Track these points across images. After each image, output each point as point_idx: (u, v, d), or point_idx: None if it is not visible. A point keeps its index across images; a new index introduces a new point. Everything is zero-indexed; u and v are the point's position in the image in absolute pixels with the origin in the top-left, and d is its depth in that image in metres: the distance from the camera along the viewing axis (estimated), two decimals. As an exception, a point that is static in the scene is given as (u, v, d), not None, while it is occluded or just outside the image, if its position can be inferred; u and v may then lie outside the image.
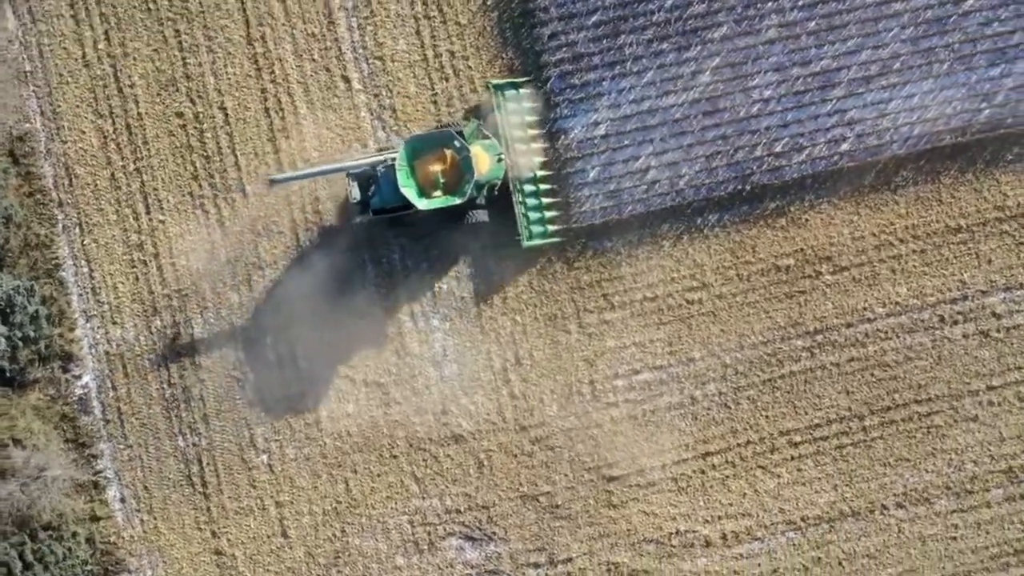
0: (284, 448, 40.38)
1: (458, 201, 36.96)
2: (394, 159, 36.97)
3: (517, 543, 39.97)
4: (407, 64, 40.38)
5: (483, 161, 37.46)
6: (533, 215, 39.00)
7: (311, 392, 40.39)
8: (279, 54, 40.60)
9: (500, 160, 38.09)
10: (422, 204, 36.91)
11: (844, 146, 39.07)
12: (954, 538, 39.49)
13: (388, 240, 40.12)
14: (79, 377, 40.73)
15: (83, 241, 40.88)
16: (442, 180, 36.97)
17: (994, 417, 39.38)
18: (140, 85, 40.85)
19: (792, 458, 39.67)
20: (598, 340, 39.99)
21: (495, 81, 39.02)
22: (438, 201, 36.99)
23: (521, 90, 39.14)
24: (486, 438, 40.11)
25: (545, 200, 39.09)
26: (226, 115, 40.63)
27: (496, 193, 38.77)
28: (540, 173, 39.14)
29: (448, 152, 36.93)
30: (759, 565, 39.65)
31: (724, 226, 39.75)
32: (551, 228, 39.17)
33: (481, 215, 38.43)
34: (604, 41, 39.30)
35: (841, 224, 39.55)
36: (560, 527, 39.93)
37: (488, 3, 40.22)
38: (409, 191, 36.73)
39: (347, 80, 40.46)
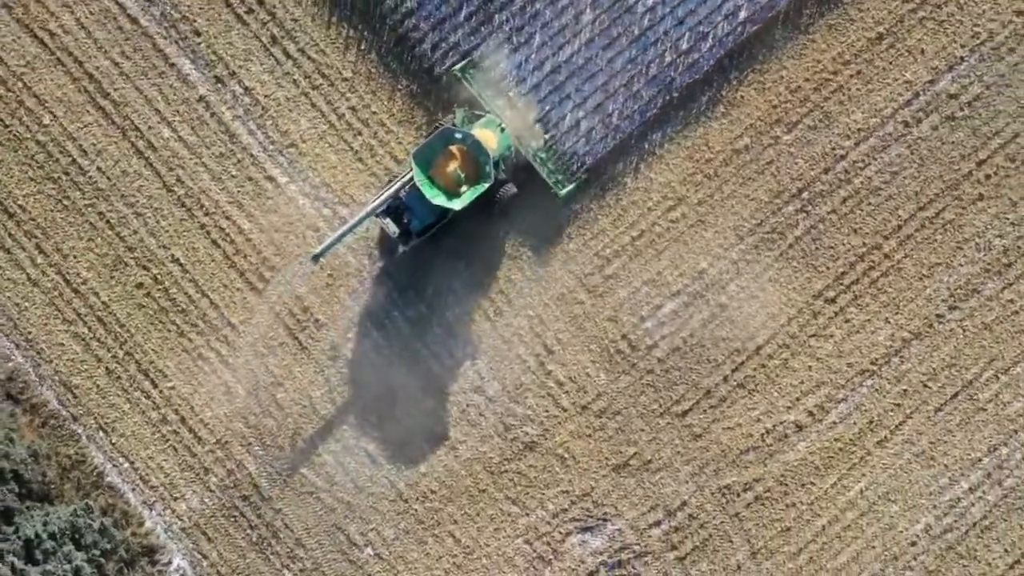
0: (382, 533, 40.69)
1: (487, 185, 37.09)
2: (411, 179, 37.12)
3: (631, 512, 40.25)
4: (318, 137, 40.57)
5: (490, 138, 37.57)
6: (552, 164, 39.24)
7: (379, 472, 40.65)
8: (200, 187, 40.80)
9: (503, 130, 38.37)
10: (457, 204, 37.03)
11: (742, 14, 39.17)
12: (1016, 312, 39.64)
13: (381, 301, 40.40)
14: (169, 563, 40.99)
15: (111, 441, 41.15)
16: (462, 174, 37.01)
17: (996, 188, 39.49)
18: (91, 277, 41.11)
19: (835, 314, 39.88)
20: (611, 295, 40.21)
21: (455, 69, 39.07)
22: (468, 194, 37.07)
23: (479, 63, 39.22)
24: (556, 433, 40.38)
25: (555, 146, 39.33)
26: (181, 265, 40.88)
27: (515, 161, 39.04)
28: (538, 125, 39.31)
29: (454, 147, 37.04)
30: (855, 423, 39.87)
31: (671, 139, 39.92)
32: (574, 170, 39.49)
33: (510, 189, 38.69)
34: (482, 29, 39.42)
35: (774, 85, 39.68)
36: (661, 479, 40.20)
37: (362, 47, 40.36)
38: (439, 199, 36.86)
39: (272, 179, 40.67)
